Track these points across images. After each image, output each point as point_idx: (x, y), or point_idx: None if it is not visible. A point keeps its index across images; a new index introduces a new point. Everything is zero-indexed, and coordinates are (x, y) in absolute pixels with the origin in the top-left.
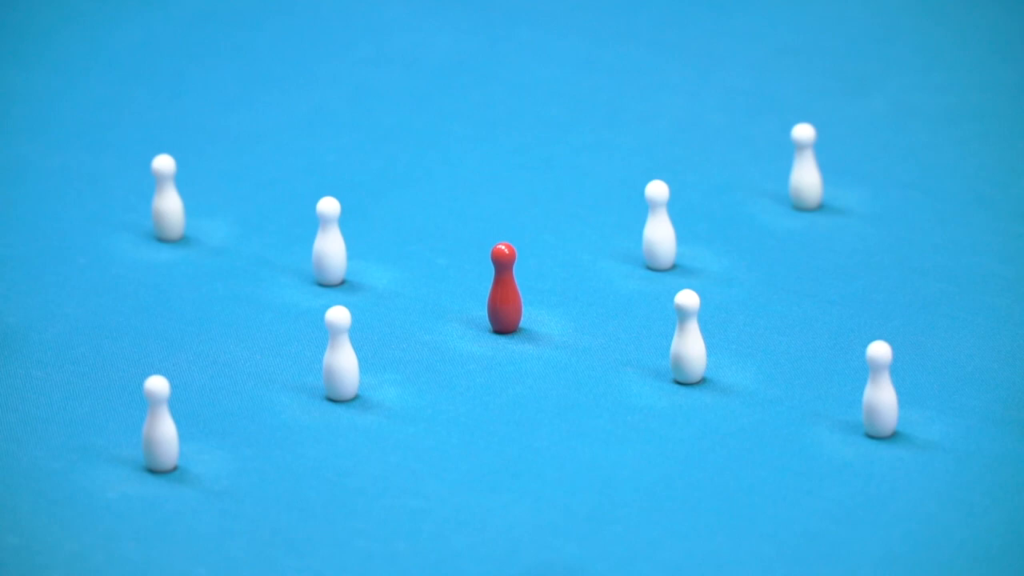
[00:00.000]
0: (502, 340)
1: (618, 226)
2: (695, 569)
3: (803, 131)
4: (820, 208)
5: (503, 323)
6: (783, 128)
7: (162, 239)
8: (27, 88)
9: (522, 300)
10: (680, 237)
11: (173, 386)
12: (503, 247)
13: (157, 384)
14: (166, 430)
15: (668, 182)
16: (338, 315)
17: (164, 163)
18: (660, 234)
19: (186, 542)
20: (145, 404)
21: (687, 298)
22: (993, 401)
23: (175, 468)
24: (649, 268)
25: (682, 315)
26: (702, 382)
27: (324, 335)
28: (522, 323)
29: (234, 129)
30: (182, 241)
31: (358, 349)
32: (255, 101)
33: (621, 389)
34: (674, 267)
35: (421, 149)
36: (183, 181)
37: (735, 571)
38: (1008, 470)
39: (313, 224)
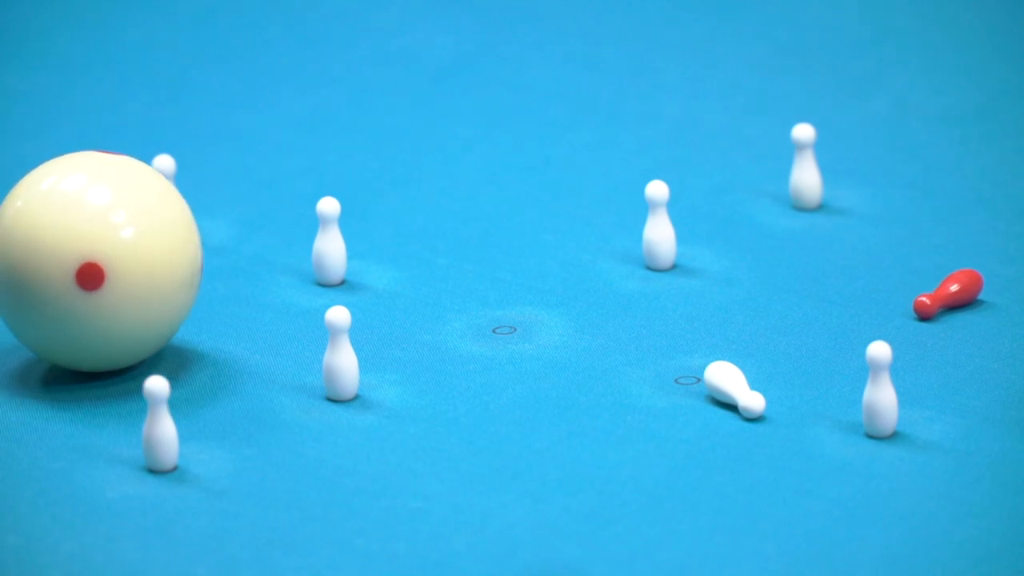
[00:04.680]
0: (502, 340)
1: (618, 226)
2: (695, 569)
3: (803, 131)
4: (820, 208)
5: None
6: (783, 128)
7: None
8: (27, 88)
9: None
10: (680, 237)
11: (173, 386)
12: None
13: (157, 384)
14: (166, 430)
15: (668, 182)
16: (338, 315)
17: (164, 163)
18: (660, 234)
19: (186, 542)
20: (145, 404)
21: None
22: (993, 401)
23: (175, 468)
24: (649, 268)
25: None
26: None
27: (324, 335)
28: (518, 321)
29: (234, 129)
30: None
31: (358, 349)
32: (255, 101)
33: (621, 389)
34: (674, 267)
35: (421, 149)
36: (183, 181)
37: (735, 571)
38: (1008, 470)
39: (313, 224)
